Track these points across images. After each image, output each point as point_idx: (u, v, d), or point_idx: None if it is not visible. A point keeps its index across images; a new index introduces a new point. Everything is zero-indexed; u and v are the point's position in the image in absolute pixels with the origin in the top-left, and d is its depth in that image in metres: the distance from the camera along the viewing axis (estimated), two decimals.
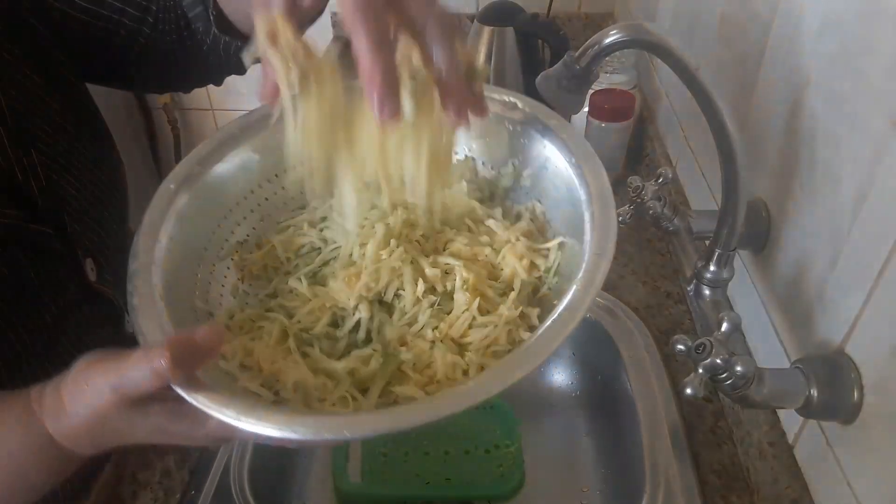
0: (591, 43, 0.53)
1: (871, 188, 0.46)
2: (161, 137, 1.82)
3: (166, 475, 0.63)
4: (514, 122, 0.49)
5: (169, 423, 0.40)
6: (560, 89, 0.55)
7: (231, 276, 0.49)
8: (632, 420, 0.69)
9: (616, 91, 1.00)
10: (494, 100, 0.48)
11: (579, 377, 0.86)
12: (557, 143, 0.47)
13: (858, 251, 0.47)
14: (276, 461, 0.74)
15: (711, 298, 0.60)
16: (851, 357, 0.48)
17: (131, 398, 0.38)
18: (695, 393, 0.46)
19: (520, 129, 0.49)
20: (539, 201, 0.50)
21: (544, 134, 0.47)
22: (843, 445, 0.49)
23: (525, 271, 0.46)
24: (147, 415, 0.40)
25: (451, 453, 0.79)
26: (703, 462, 0.64)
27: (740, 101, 0.70)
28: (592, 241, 0.41)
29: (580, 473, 0.78)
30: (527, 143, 0.49)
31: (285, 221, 0.51)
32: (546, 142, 0.47)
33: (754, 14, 0.69)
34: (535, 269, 0.47)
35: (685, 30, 0.93)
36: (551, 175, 0.48)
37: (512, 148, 0.50)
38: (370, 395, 0.42)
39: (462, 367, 0.42)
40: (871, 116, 0.46)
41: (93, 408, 0.39)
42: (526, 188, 0.51)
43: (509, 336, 0.43)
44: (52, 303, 0.54)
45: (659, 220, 0.66)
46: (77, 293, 0.57)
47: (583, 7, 1.56)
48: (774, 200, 0.62)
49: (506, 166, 0.51)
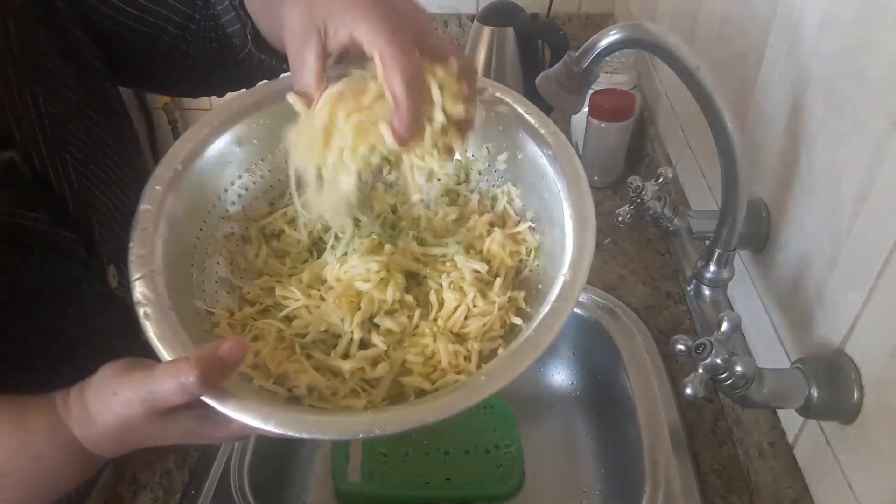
0: (591, 43, 0.53)
1: (871, 188, 0.46)
2: (161, 137, 1.82)
3: (166, 475, 0.63)
4: (496, 112, 0.50)
5: (197, 426, 0.42)
6: (560, 89, 0.55)
7: (221, 270, 0.49)
8: (632, 420, 0.69)
9: (616, 91, 1.00)
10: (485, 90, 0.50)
11: (579, 377, 0.86)
12: (532, 132, 0.49)
13: (858, 251, 0.47)
14: (276, 461, 0.74)
15: (711, 298, 0.60)
16: (851, 357, 0.48)
17: (160, 410, 0.40)
18: (695, 393, 0.46)
19: (494, 115, 0.50)
20: (514, 185, 0.52)
21: (518, 122, 0.49)
22: (843, 445, 0.49)
23: (509, 259, 0.48)
24: (176, 421, 0.41)
25: (451, 453, 0.79)
26: (703, 462, 0.64)
27: (740, 101, 0.70)
28: (574, 221, 0.43)
29: (580, 473, 0.78)
30: (503, 130, 0.50)
31: (267, 219, 0.52)
32: (522, 130, 0.49)
33: (754, 14, 0.69)
34: (516, 255, 0.49)
35: (685, 30, 0.93)
36: (528, 161, 0.49)
37: (487, 133, 0.51)
38: (380, 387, 0.43)
39: (464, 355, 0.44)
40: (871, 116, 0.46)
41: (121, 417, 0.40)
42: (500, 172, 0.53)
43: (501, 320, 0.45)
44: (74, 307, 0.55)
45: (659, 220, 0.66)
46: (98, 299, 0.57)
47: (583, 7, 1.56)
48: (774, 200, 0.62)
49: (480, 150, 0.53)
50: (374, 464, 0.78)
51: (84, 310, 0.56)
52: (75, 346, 0.55)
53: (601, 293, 0.83)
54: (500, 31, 1.11)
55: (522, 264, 0.49)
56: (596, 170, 1.03)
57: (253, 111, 0.50)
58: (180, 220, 0.46)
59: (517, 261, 0.49)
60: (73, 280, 0.54)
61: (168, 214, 0.45)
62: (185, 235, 0.47)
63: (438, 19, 1.58)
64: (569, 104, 0.56)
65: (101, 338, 0.57)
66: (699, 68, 0.50)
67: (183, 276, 0.45)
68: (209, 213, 0.49)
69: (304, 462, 0.78)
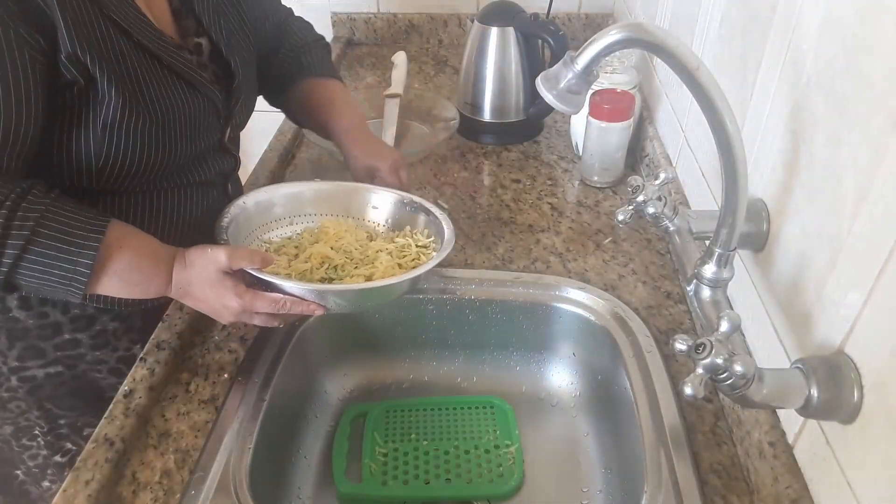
0: (591, 43, 0.53)
1: (871, 188, 0.46)
2: None
3: (166, 475, 0.63)
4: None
5: (240, 290, 0.67)
6: (560, 89, 0.55)
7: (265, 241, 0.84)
8: (632, 420, 0.69)
9: (616, 91, 1.00)
10: None
11: (580, 377, 0.86)
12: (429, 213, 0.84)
13: (858, 251, 0.47)
14: (276, 461, 0.74)
15: (711, 298, 0.60)
16: (851, 357, 0.48)
17: (231, 268, 0.67)
18: (695, 393, 0.46)
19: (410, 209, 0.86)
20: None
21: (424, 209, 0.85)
22: (843, 445, 0.49)
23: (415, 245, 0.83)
24: (234, 280, 0.67)
25: (451, 453, 0.79)
26: (703, 462, 0.64)
27: (740, 101, 0.70)
28: (445, 220, 0.81)
29: (580, 473, 0.78)
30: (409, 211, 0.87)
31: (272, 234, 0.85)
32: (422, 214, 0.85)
33: (754, 14, 0.69)
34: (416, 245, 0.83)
35: (685, 30, 0.94)
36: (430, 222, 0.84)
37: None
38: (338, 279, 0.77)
39: (394, 271, 0.77)
40: (871, 116, 0.46)
41: (205, 264, 0.67)
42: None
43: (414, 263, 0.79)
44: (202, 140, 0.76)
45: (659, 220, 0.66)
46: (215, 145, 0.80)
47: (583, 7, 1.56)
48: (774, 200, 0.62)
49: None
50: (374, 464, 0.78)
51: (206, 147, 0.78)
52: (187, 178, 0.78)
53: (601, 293, 0.83)
54: (500, 31, 1.11)
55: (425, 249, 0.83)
56: (596, 170, 1.03)
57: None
58: (246, 223, 0.81)
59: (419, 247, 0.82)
60: (211, 120, 0.77)
61: (244, 208, 0.81)
62: (248, 223, 0.81)
63: (438, 19, 1.58)
64: (569, 104, 0.56)
65: (207, 176, 0.80)
66: (699, 68, 0.50)
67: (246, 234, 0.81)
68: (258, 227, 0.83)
69: (304, 462, 0.78)
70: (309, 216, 0.86)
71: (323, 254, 0.78)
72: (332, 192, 0.87)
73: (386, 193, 0.86)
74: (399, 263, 0.78)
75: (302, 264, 0.77)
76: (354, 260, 0.79)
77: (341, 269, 0.77)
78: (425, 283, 0.86)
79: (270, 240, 0.83)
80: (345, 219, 0.86)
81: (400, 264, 0.78)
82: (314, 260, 0.78)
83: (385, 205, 0.86)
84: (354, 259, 0.79)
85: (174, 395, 0.71)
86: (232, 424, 0.68)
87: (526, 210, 1.00)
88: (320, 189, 0.86)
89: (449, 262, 0.88)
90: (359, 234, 0.83)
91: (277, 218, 0.84)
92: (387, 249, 0.80)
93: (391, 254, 0.80)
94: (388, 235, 0.85)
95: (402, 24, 1.60)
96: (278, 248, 0.81)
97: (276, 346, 0.78)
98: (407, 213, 0.85)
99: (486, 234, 0.94)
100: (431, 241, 0.82)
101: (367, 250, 0.80)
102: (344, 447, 0.79)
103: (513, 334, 0.87)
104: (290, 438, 0.78)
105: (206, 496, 0.62)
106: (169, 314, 0.78)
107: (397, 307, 0.87)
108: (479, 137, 1.18)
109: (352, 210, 0.87)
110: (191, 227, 0.80)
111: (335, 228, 0.83)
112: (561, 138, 1.19)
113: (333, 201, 0.87)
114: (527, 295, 0.85)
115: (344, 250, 0.80)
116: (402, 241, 0.82)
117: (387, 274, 0.75)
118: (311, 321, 0.82)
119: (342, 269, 0.77)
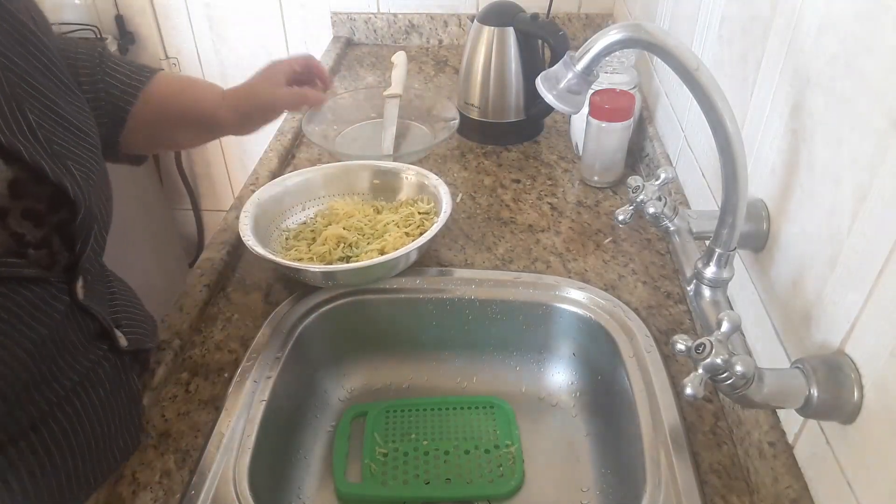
0: (591, 43, 0.53)
1: (871, 188, 0.46)
2: None
3: (166, 475, 0.63)
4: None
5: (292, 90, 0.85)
6: (560, 89, 0.55)
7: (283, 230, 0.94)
8: (632, 420, 0.69)
9: (616, 91, 1.00)
10: None
11: (579, 377, 0.87)
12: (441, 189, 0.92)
13: (858, 251, 0.47)
14: (276, 461, 0.74)
15: (711, 298, 0.60)
16: (851, 357, 0.48)
17: (295, 71, 0.87)
18: (695, 393, 0.46)
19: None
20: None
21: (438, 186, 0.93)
22: (843, 445, 0.49)
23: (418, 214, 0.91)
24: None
25: (451, 453, 0.79)
26: (703, 462, 0.64)
27: (740, 101, 0.70)
28: (444, 199, 0.88)
29: (580, 473, 0.78)
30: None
31: (287, 223, 0.95)
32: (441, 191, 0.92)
33: (754, 14, 0.69)
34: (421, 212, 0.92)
35: (685, 30, 0.94)
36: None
37: None
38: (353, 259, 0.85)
39: (403, 240, 0.85)
40: (871, 116, 0.46)
41: (271, 66, 0.86)
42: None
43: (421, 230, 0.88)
44: (48, 319, 0.51)
45: (659, 220, 0.66)
46: (67, 311, 0.54)
47: (583, 7, 1.56)
48: (774, 200, 0.62)
49: None
50: (374, 464, 0.78)
51: (58, 321, 0.53)
52: (54, 356, 0.53)
53: (601, 293, 0.83)
54: (500, 31, 1.11)
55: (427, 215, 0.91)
56: (596, 170, 1.03)
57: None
58: (263, 217, 0.90)
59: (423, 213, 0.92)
60: (45, 289, 0.51)
61: (258, 204, 0.89)
62: (265, 217, 0.90)
63: (438, 19, 1.58)
64: (569, 104, 0.56)
65: (76, 347, 0.56)
66: (699, 68, 0.50)
67: (265, 226, 0.90)
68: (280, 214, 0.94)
69: (304, 462, 0.78)
70: (320, 199, 0.96)
71: (338, 234, 0.86)
72: (337, 174, 0.97)
73: (386, 166, 0.97)
74: (406, 232, 0.87)
75: (320, 247, 0.85)
76: (366, 235, 0.88)
77: (355, 246, 0.86)
78: (425, 283, 0.86)
79: (288, 227, 0.92)
80: (351, 196, 0.96)
81: (407, 233, 0.87)
82: (331, 242, 0.86)
83: (385, 177, 0.97)
84: (366, 234, 0.88)
85: (174, 395, 0.72)
86: (232, 424, 0.68)
87: (526, 210, 1.00)
88: (327, 172, 0.96)
89: (449, 262, 0.89)
90: (366, 209, 0.93)
91: (291, 206, 0.94)
92: (394, 221, 0.89)
93: (398, 224, 0.88)
94: (392, 206, 0.94)
95: (402, 24, 1.60)
96: (297, 235, 0.90)
97: (276, 346, 0.78)
98: (405, 183, 0.95)
99: (486, 234, 0.94)
100: (432, 207, 0.91)
101: (377, 224, 0.89)
102: (344, 447, 0.79)
103: (513, 334, 0.87)
104: (290, 438, 0.78)
105: (206, 496, 0.62)
106: (169, 314, 0.78)
107: (398, 307, 0.87)
108: (479, 137, 1.18)
109: (356, 187, 0.97)
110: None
111: (344, 208, 0.92)
112: (561, 138, 1.19)
113: (339, 181, 0.97)
114: (527, 295, 0.85)
115: (355, 227, 0.89)
116: (406, 211, 0.90)
117: (397, 244, 0.84)
118: (311, 321, 0.82)
119: (356, 245, 0.86)
